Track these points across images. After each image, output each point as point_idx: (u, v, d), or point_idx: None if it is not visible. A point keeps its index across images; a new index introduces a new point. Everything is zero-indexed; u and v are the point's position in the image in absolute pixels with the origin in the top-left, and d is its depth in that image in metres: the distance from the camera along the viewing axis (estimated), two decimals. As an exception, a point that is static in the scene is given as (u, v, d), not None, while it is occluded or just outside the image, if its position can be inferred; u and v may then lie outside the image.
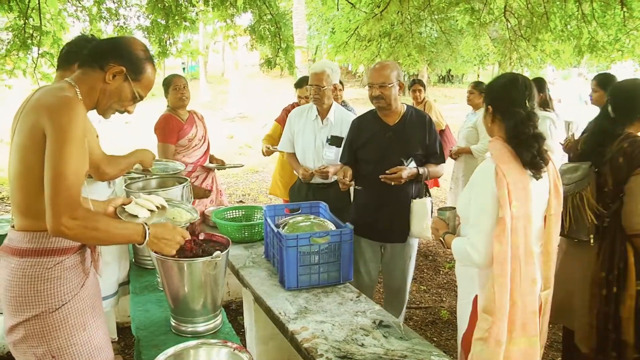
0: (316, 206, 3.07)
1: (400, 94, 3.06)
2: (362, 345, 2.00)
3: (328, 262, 2.56)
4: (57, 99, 1.62)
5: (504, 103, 2.10)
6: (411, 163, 3.02)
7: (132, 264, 3.03)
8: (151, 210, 2.04)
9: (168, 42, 6.59)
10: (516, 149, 2.04)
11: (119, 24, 6.85)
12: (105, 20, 6.83)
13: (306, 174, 3.60)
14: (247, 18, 7.22)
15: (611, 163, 2.53)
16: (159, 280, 2.55)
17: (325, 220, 2.84)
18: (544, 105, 4.47)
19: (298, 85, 4.97)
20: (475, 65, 17.11)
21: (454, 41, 10.77)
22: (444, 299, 4.51)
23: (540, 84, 4.47)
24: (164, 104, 4.18)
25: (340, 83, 5.13)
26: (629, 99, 2.62)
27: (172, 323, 2.20)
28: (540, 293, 2.16)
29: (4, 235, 1.79)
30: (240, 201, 8.09)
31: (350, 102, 5.56)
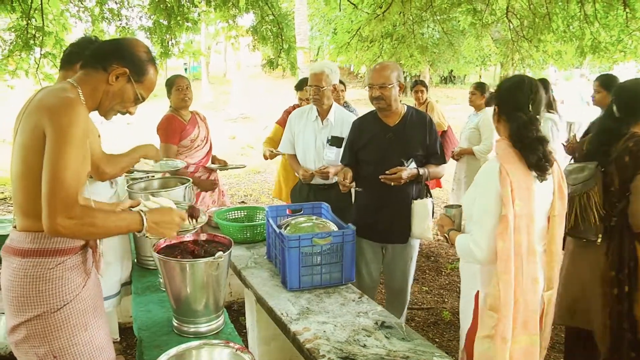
0: (318, 207, 3.06)
1: (402, 95, 3.06)
2: (364, 346, 2.00)
3: (330, 263, 2.55)
4: (59, 100, 1.62)
5: (508, 106, 2.15)
6: (411, 164, 3.01)
7: (135, 264, 3.03)
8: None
9: (170, 43, 6.59)
10: (521, 151, 2.08)
11: (121, 24, 6.86)
12: (107, 21, 6.84)
13: (306, 175, 3.60)
14: (249, 19, 7.22)
15: (617, 162, 2.53)
16: (161, 280, 2.55)
17: (328, 221, 2.84)
18: (547, 106, 4.47)
19: (298, 87, 4.96)
20: (477, 66, 17.11)
21: (456, 42, 10.78)
22: (446, 299, 4.50)
23: (544, 85, 4.46)
24: (166, 105, 4.18)
25: (343, 84, 5.12)
26: (634, 98, 2.63)
27: (174, 323, 2.20)
28: (543, 293, 2.18)
29: (6, 235, 1.80)
30: (242, 202, 8.09)
31: (352, 103, 5.56)
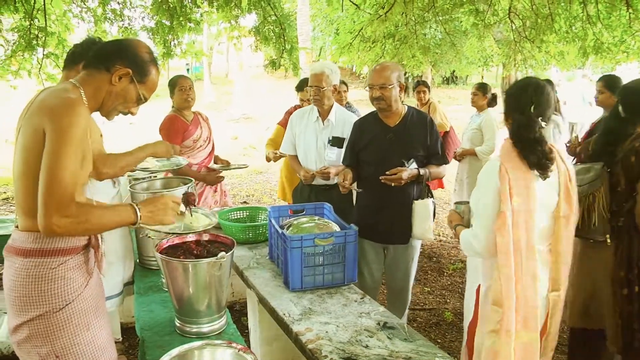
0: (320, 207, 3.06)
1: (404, 96, 3.06)
2: (367, 346, 2.00)
3: (332, 264, 2.55)
4: (60, 101, 1.62)
5: (511, 107, 2.22)
6: (412, 164, 3.01)
7: (137, 264, 3.03)
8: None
9: (172, 43, 6.60)
10: (521, 151, 2.12)
11: (123, 25, 6.87)
12: (110, 21, 6.85)
13: (307, 176, 3.58)
14: (252, 19, 7.24)
15: (623, 162, 2.53)
16: (164, 280, 2.55)
17: (330, 221, 2.84)
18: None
19: (299, 88, 4.96)
20: (479, 66, 17.04)
21: (459, 42, 10.75)
22: (448, 300, 4.50)
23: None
24: (168, 105, 4.19)
25: (345, 84, 5.12)
26: None
27: (177, 324, 2.21)
28: (549, 294, 2.18)
29: (8, 235, 1.80)
30: (245, 202, 8.10)
31: (355, 104, 5.56)
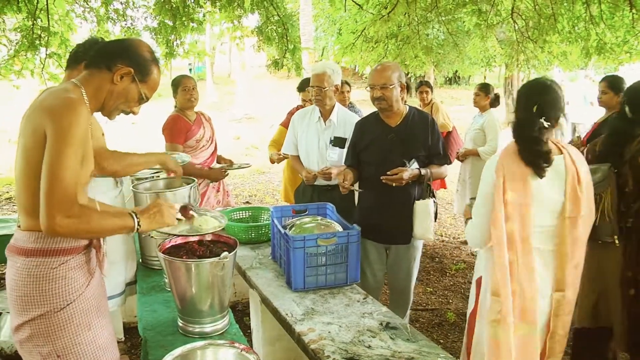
0: (323, 207, 3.06)
1: (407, 96, 3.05)
2: (369, 347, 2.00)
3: (335, 264, 2.55)
4: (60, 101, 1.62)
5: (517, 105, 2.28)
6: (413, 164, 3.00)
7: (140, 264, 3.03)
8: (178, 219, 2.00)
9: (175, 43, 6.62)
10: (519, 148, 2.17)
11: (126, 25, 6.89)
12: (112, 21, 6.87)
13: (309, 176, 3.57)
14: (254, 19, 7.25)
15: (631, 163, 2.53)
16: (167, 280, 2.55)
17: (333, 221, 2.84)
18: None
19: (300, 88, 4.94)
20: (482, 67, 17.01)
21: (461, 43, 10.74)
22: (451, 301, 4.49)
23: None
24: (170, 105, 4.19)
25: (348, 84, 5.11)
26: None
27: (180, 324, 2.21)
28: (553, 293, 2.19)
29: (11, 235, 1.80)
30: (247, 202, 8.10)
31: (357, 104, 5.55)
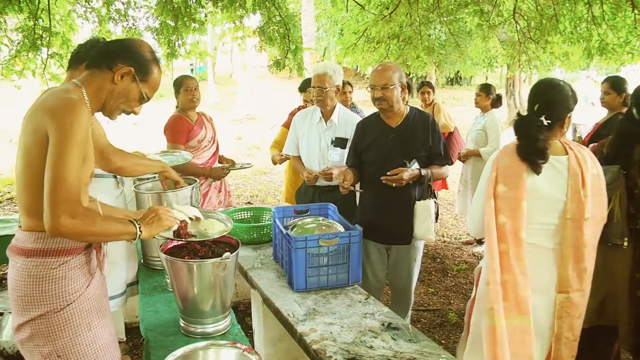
0: (325, 208, 3.06)
1: (409, 96, 3.05)
2: (371, 347, 2.00)
3: (337, 264, 2.55)
4: (61, 101, 1.63)
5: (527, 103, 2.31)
6: (414, 164, 3.00)
7: (141, 264, 3.03)
8: (180, 220, 2.00)
9: (177, 44, 6.61)
10: (517, 145, 2.22)
11: (128, 25, 6.88)
12: (114, 22, 6.86)
13: (310, 177, 3.56)
14: (256, 19, 7.24)
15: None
16: (168, 281, 2.55)
17: (334, 222, 2.84)
18: None
19: (302, 89, 4.93)
20: (483, 67, 16.99)
21: (463, 43, 10.72)
22: (452, 301, 4.49)
23: None
24: (172, 105, 4.18)
25: (349, 85, 5.11)
26: None
27: (181, 324, 2.21)
28: (556, 294, 2.19)
29: (12, 235, 1.81)
30: (249, 202, 8.10)
31: (359, 104, 5.55)
